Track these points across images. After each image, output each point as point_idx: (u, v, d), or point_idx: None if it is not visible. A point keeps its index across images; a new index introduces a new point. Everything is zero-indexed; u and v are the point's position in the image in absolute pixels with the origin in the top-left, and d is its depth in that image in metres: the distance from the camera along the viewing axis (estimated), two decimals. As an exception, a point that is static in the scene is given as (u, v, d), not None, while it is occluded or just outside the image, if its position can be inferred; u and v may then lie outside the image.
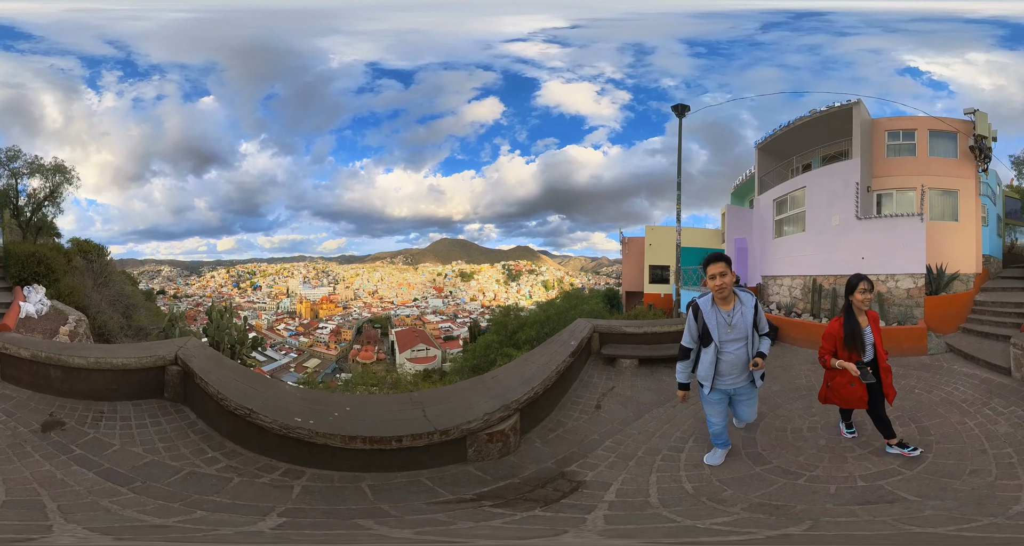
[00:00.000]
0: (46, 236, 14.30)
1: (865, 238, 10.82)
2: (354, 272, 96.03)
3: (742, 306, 3.95)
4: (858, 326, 4.30)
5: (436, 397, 5.26)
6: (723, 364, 3.97)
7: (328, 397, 5.63)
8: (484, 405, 4.46)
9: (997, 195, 14.76)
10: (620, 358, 7.11)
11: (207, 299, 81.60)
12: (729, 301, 3.95)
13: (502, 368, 6.42)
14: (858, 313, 4.36)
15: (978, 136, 11.25)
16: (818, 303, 11.17)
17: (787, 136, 14.52)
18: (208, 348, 6.11)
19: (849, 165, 11.67)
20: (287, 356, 61.61)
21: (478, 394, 4.88)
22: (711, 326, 3.93)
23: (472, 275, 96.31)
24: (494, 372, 6.28)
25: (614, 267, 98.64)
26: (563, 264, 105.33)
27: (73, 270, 11.80)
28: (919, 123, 12.02)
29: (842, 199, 11.34)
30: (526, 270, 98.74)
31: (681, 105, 14.15)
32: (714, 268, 3.88)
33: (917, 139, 11.79)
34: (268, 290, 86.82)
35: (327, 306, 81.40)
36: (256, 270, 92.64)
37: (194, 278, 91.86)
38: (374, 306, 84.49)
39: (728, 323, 3.92)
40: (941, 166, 11.66)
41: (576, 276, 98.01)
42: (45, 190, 13.96)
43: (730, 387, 4.07)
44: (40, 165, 13.84)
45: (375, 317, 77.31)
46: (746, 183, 19.72)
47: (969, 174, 11.52)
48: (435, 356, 57.56)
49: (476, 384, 5.72)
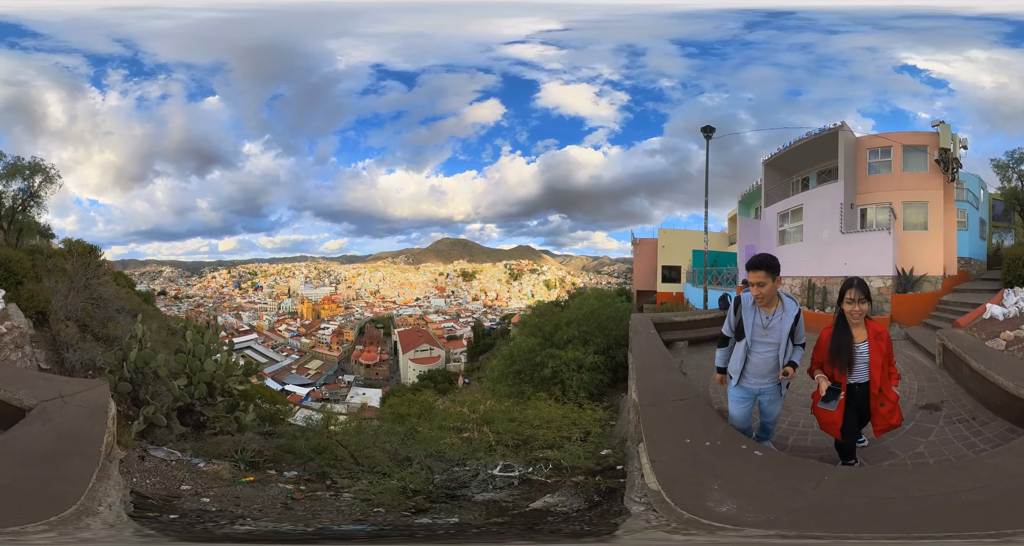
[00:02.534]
0: (30, 237, 13.93)
1: (847, 248, 13.47)
2: (356, 272, 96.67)
3: (783, 312, 3.85)
4: (847, 339, 3.73)
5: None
6: (751, 363, 3.91)
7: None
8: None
9: (980, 200, 15.91)
10: (676, 341, 8.97)
11: (208, 300, 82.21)
12: (772, 305, 3.88)
13: (639, 372, 5.45)
14: (853, 326, 3.78)
15: (942, 149, 12.69)
16: (812, 298, 14.11)
17: (789, 154, 17.12)
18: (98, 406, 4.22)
19: (836, 187, 14.47)
20: (288, 357, 61.89)
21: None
22: (747, 324, 3.87)
23: (474, 274, 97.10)
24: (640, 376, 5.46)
25: (615, 266, 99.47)
26: (565, 263, 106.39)
27: (58, 273, 11.25)
28: (895, 139, 13.88)
29: (830, 216, 14.20)
30: (528, 269, 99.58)
31: (708, 127, 16.10)
32: (754, 276, 3.78)
33: (892, 156, 13.67)
34: (269, 290, 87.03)
35: (329, 306, 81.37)
36: (257, 270, 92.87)
37: (195, 279, 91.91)
38: (376, 306, 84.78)
39: (764, 326, 3.84)
40: (912, 180, 13.66)
41: (578, 275, 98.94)
42: (24, 191, 13.61)
43: (755, 387, 3.98)
44: (17, 166, 13.54)
45: (377, 317, 77.39)
46: (752, 193, 21.65)
47: (937, 186, 13.20)
48: (439, 356, 58.11)
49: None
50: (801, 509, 2.07)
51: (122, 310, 12.95)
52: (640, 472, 3.60)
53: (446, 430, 5.26)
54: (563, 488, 4.39)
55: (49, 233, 15.36)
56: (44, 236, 15.11)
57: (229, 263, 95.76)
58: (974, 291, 12.26)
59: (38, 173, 13.94)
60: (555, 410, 5.40)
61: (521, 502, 4.28)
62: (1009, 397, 4.27)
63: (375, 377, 58.91)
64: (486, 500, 4.45)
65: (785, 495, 2.34)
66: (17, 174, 13.69)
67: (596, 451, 4.82)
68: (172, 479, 4.83)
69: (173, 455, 5.58)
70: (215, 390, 7.29)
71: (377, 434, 6.80)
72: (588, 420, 5.36)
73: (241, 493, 4.59)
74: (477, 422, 5.23)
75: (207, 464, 5.45)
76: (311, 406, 41.82)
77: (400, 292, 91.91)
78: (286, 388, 47.14)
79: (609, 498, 3.97)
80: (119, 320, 11.81)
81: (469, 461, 5.14)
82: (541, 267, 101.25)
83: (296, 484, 5.09)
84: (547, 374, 10.61)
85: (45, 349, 8.44)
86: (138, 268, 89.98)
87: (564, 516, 3.73)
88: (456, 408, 5.97)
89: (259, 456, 6.01)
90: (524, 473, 4.82)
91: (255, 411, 11.96)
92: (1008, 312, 9.02)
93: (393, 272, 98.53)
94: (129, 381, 6.74)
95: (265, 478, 5.27)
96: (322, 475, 5.51)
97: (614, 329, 11.65)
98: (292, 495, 4.55)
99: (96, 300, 12.45)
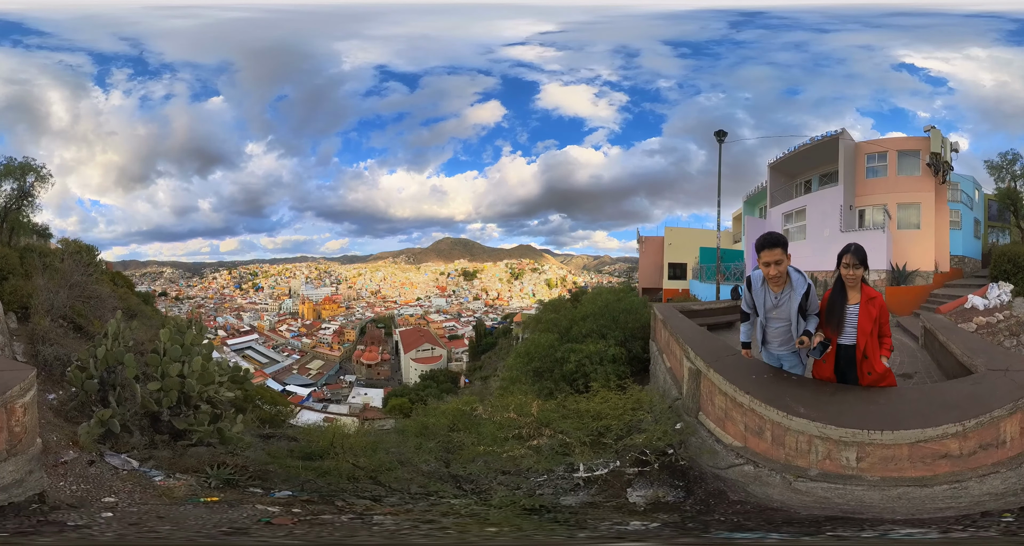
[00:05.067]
0: (25, 236, 14.13)
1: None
2: (356, 272, 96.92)
3: (791, 291, 3.95)
4: (840, 301, 3.91)
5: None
6: (769, 335, 4.25)
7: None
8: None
9: (975, 201, 16.43)
10: (699, 325, 9.38)
11: (209, 301, 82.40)
12: (780, 284, 3.98)
13: (691, 342, 5.52)
14: (849, 289, 3.93)
15: (933, 154, 13.11)
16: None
17: (792, 159, 18.17)
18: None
19: (836, 190, 15.49)
20: (290, 357, 62.17)
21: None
22: (758, 302, 4.12)
23: (475, 274, 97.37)
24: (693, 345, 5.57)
25: (616, 265, 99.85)
26: (566, 262, 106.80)
27: (49, 271, 11.19)
28: (890, 144, 14.47)
29: (831, 217, 15.30)
30: (529, 269, 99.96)
31: (720, 131, 16.94)
32: (769, 255, 3.82)
33: (888, 160, 14.18)
34: (270, 291, 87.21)
35: (330, 306, 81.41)
36: (258, 271, 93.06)
37: (196, 279, 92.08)
38: (377, 306, 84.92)
39: (774, 305, 4.06)
40: (906, 183, 14.50)
41: (579, 274, 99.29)
42: (16, 190, 13.73)
43: (776, 353, 4.31)
44: (9, 166, 13.68)
45: (378, 317, 77.66)
46: (757, 194, 22.32)
47: (929, 187, 13.80)
48: (441, 356, 58.18)
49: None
50: (839, 412, 3.46)
51: (116, 309, 12.45)
52: (714, 437, 4.17)
53: (504, 440, 4.83)
54: (643, 478, 4.43)
55: (46, 233, 15.48)
56: (41, 235, 15.25)
57: (230, 264, 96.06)
58: (964, 286, 13.00)
59: (30, 173, 14.06)
60: (615, 397, 4.98)
61: (612, 500, 4.27)
62: (960, 365, 4.90)
63: (376, 377, 59.02)
64: (581, 503, 4.32)
65: (826, 402, 3.65)
66: (9, 175, 13.81)
67: (671, 427, 4.61)
68: (102, 488, 4.49)
69: (129, 464, 5.12)
70: (190, 398, 6.41)
71: (402, 450, 6.25)
72: (647, 399, 5.01)
73: (181, 514, 4.02)
74: (533, 426, 4.84)
75: (165, 478, 4.93)
76: (312, 407, 42.03)
77: (401, 292, 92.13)
78: (287, 388, 47.30)
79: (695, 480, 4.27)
80: (110, 320, 11.66)
81: (543, 470, 4.80)
82: (542, 266, 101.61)
83: (288, 506, 4.46)
84: (570, 368, 10.57)
85: (24, 342, 8.37)
86: (139, 269, 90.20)
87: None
88: (502, 414, 5.36)
89: (240, 472, 5.31)
90: (615, 467, 4.61)
91: (254, 413, 11.20)
92: (989, 303, 10.15)
93: (394, 272, 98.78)
94: (98, 380, 6.24)
95: (242, 498, 4.59)
96: (326, 496, 4.89)
97: (630, 322, 11.68)
98: (271, 519, 3.88)
99: (89, 299, 12.30)
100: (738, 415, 3.90)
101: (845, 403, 3.63)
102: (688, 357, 4.97)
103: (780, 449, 3.51)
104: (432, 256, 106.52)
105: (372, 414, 35.39)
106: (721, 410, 4.17)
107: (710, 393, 4.39)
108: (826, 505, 3.29)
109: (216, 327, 69.03)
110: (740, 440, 3.88)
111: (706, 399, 4.49)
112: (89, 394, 6.21)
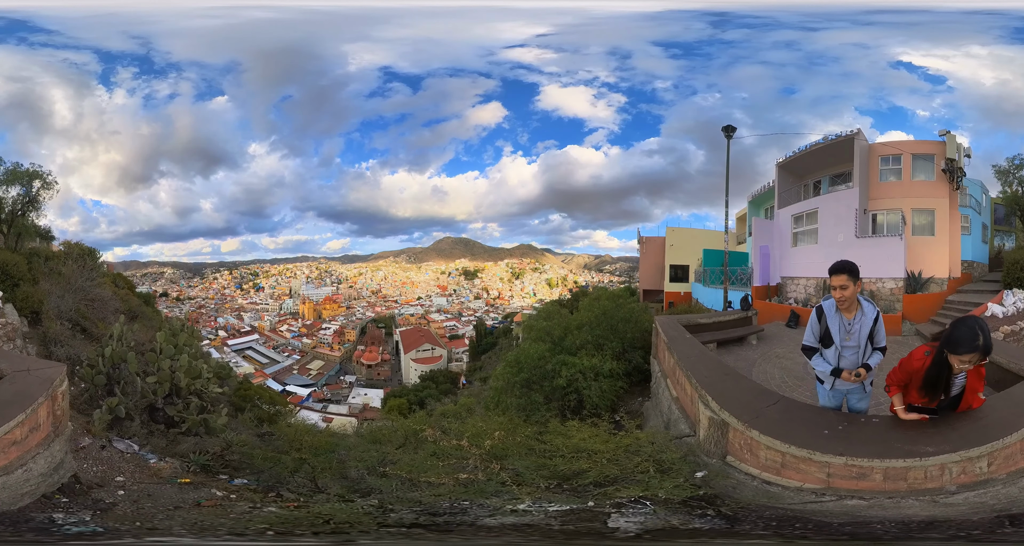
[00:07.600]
0: (29, 240, 14.39)
1: (861, 252, 13.83)
2: (357, 271, 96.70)
3: (863, 317, 4.07)
4: (945, 373, 3.63)
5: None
6: (843, 363, 4.16)
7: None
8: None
9: (983, 205, 16.21)
10: (707, 342, 8.95)
11: (210, 301, 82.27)
12: (852, 310, 4.08)
13: (711, 391, 4.74)
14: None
15: (948, 159, 12.80)
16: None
17: (802, 158, 17.58)
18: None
19: (851, 193, 14.92)
20: (290, 358, 62.07)
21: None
22: (833, 330, 4.10)
23: (476, 273, 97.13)
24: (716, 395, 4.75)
25: (617, 265, 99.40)
26: (566, 262, 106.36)
27: (54, 275, 11.74)
28: (905, 147, 14.09)
29: (845, 221, 14.78)
30: (530, 268, 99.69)
31: (729, 126, 16.49)
32: (836, 280, 4.00)
33: (903, 163, 13.86)
34: (271, 291, 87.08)
35: (330, 306, 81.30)
36: (259, 271, 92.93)
37: (197, 280, 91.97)
38: (378, 305, 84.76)
39: (848, 330, 4.09)
40: (920, 188, 14.19)
41: (580, 274, 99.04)
42: (23, 196, 13.99)
43: (844, 388, 4.29)
44: (16, 172, 13.92)
45: (379, 317, 77.34)
46: (763, 194, 21.72)
47: (943, 193, 13.50)
48: (441, 356, 57.98)
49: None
50: (961, 436, 3.69)
51: (117, 311, 13.40)
52: (759, 480, 3.94)
53: (430, 469, 4.28)
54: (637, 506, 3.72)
55: (49, 235, 15.66)
56: (44, 238, 15.43)
57: (231, 264, 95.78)
58: (976, 292, 12.99)
59: (36, 179, 14.26)
60: (597, 437, 4.35)
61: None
62: (1006, 371, 5.18)
63: (377, 377, 58.92)
64: (514, 524, 3.59)
65: (943, 434, 3.77)
66: (16, 180, 14.00)
67: (689, 477, 4.09)
68: (114, 469, 5.26)
69: (131, 448, 5.97)
70: (181, 390, 7.52)
71: (349, 454, 6.31)
72: (646, 440, 4.41)
73: (161, 492, 4.79)
74: (483, 458, 4.20)
75: (158, 461, 5.73)
76: (312, 407, 41.81)
77: (402, 291, 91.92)
78: (287, 389, 47.14)
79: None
80: (112, 321, 11.84)
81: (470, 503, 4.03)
82: (543, 265, 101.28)
83: (233, 492, 5.02)
84: (561, 383, 9.85)
85: (37, 344, 9.12)
86: (140, 269, 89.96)
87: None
88: (449, 440, 4.72)
89: (216, 460, 6.11)
90: (583, 506, 3.78)
91: (253, 412, 12.28)
92: (1007, 311, 10.31)
93: (395, 271, 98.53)
94: (106, 375, 7.20)
95: (207, 482, 5.35)
96: (271, 487, 5.43)
97: (628, 331, 11.04)
98: (203, 501, 4.61)
99: (92, 302, 13.07)
100: (813, 468, 3.78)
101: (954, 429, 3.78)
102: (707, 405, 4.50)
103: (901, 482, 3.64)
104: (433, 255, 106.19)
105: (372, 415, 35.27)
106: (774, 462, 3.91)
107: (749, 446, 4.08)
108: (979, 508, 3.58)
109: (217, 327, 68.96)
110: (818, 484, 3.80)
111: (740, 448, 4.16)
112: (98, 388, 7.18)
